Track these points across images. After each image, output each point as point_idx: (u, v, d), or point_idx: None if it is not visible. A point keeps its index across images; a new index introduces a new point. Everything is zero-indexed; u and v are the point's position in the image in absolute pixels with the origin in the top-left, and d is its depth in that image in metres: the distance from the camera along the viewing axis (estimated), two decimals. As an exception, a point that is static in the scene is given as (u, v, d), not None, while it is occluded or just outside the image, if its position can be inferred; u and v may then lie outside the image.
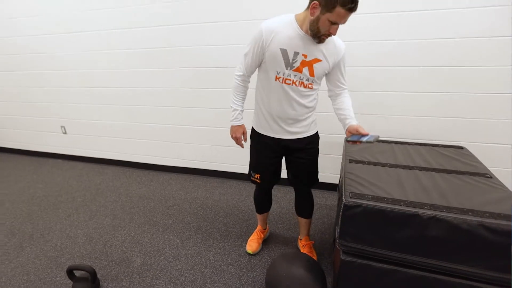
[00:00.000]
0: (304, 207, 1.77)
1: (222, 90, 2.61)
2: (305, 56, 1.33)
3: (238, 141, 1.61)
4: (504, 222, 1.02)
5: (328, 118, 2.11)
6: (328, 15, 1.18)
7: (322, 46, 1.33)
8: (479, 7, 1.84)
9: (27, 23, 2.99)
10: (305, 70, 1.36)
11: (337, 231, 1.28)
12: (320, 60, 1.35)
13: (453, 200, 1.16)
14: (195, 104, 2.76)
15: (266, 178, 1.66)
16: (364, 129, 1.33)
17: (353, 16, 1.99)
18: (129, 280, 1.70)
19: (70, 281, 1.63)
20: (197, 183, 2.89)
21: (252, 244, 1.90)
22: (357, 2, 1.16)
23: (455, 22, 1.90)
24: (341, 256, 1.28)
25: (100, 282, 1.67)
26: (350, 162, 1.55)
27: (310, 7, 1.23)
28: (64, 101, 3.24)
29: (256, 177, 1.66)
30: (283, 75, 1.37)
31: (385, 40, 2.07)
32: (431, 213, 1.09)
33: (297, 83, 1.38)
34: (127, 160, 3.29)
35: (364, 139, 1.27)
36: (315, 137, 1.60)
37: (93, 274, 1.56)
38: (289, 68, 1.36)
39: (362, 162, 1.55)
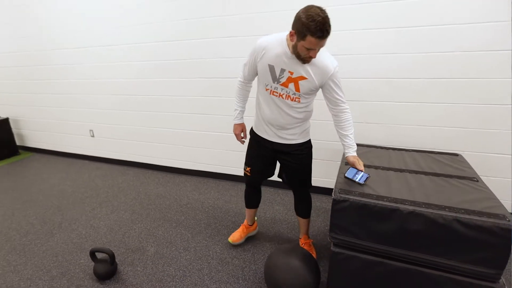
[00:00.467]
0: (301, 207, 1.90)
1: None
2: (291, 73, 1.42)
3: (238, 137, 1.84)
4: (476, 218, 1.11)
5: (333, 126, 2.24)
6: (302, 43, 1.27)
7: (308, 66, 1.40)
8: (480, 22, 1.92)
9: (70, 39, 3.34)
10: (291, 86, 1.46)
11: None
12: (305, 78, 1.42)
13: (434, 198, 1.27)
14: (210, 111, 2.97)
15: (255, 171, 1.81)
16: (361, 164, 1.48)
17: (359, 33, 2.12)
18: (143, 266, 1.88)
19: (92, 262, 1.84)
20: (210, 185, 3.07)
21: (235, 235, 2.05)
22: (326, 31, 1.21)
23: (456, 36, 1.99)
24: (332, 248, 1.40)
25: (118, 266, 1.87)
26: (346, 165, 1.67)
27: (289, 34, 1.33)
28: (93, 107, 3.57)
29: (247, 170, 1.83)
30: (271, 87, 1.51)
31: (390, 54, 2.18)
32: (411, 208, 1.20)
33: (283, 96, 1.50)
34: (147, 162, 3.54)
35: (357, 178, 1.43)
36: (305, 145, 1.68)
37: (112, 256, 1.75)
38: (276, 82, 1.48)
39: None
